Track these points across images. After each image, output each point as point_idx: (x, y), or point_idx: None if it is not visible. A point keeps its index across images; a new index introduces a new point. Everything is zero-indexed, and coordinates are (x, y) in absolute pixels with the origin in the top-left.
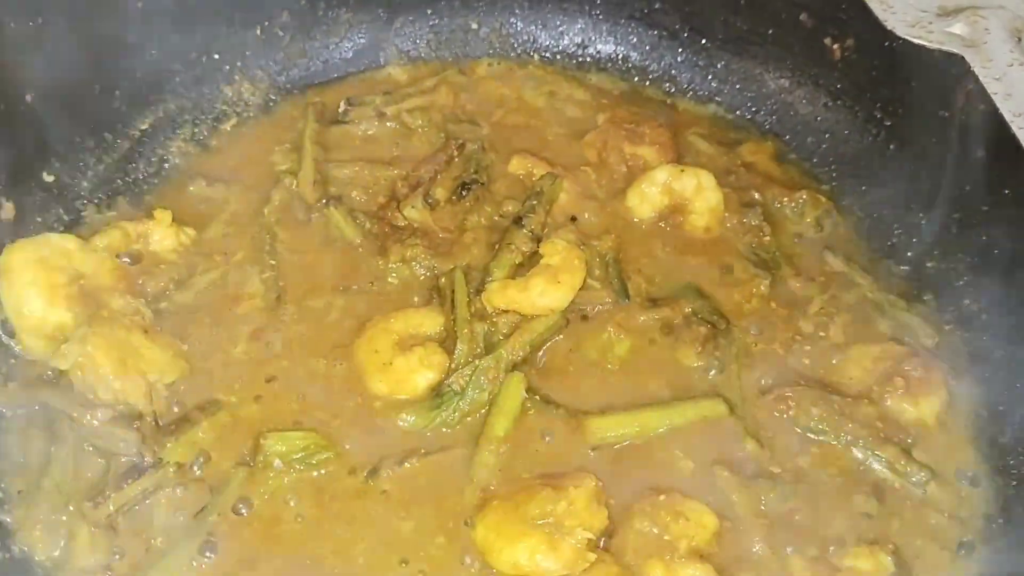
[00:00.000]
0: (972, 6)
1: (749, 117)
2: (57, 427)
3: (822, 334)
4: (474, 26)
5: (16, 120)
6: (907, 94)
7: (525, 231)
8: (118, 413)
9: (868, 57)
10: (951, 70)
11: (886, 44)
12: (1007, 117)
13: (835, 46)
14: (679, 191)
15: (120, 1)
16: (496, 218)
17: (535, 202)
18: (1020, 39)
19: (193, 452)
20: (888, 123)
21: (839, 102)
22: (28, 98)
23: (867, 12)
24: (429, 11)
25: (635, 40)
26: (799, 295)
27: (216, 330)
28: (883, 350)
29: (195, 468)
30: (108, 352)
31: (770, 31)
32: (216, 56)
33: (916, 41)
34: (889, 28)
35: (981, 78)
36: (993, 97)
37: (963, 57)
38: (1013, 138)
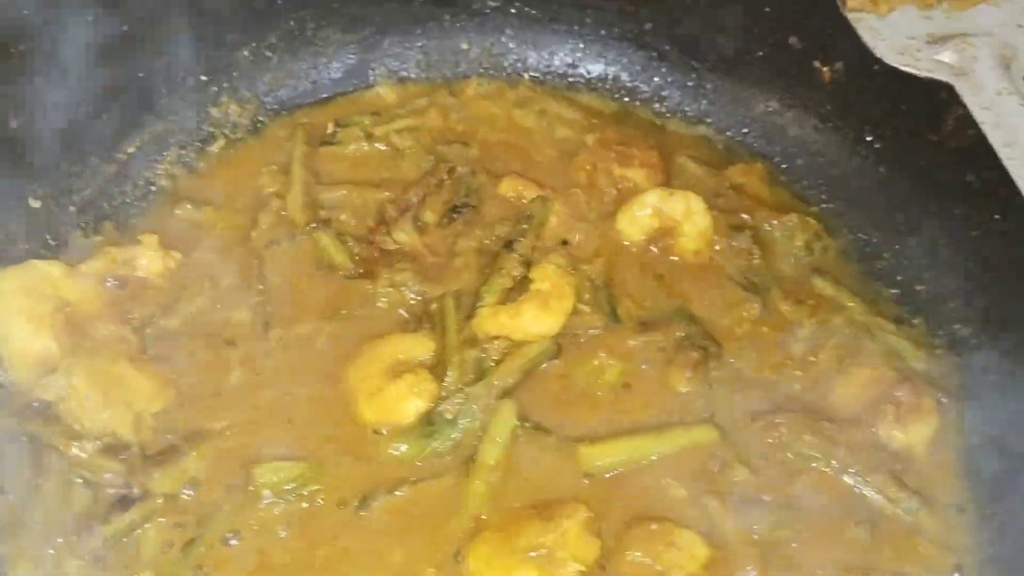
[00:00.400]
0: (961, 33)
1: (739, 139)
2: (44, 458)
3: (812, 358)
4: (464, 46)
5: (1, 146)
6: (897, 117)
7: (515, 255)
8: (105, 444)
9: (858, 80)
10: (941, 94)
11: (876, 67)
12: (996, 147)
13: (825, 69)
14: (668, 214)
15: (107, 24)
16: (486, 242)
17: (525, 226)
18: (1009, 67)
19: (181, 483)
20: (878, 146)
21: (829, 124)
22: (13, 124)
23: (857, 35)
24: (418, 31)
25: (625, 61)
26: (789, 319)
27: (204, 357)
28: (873, 375)
29: (183, 499)
30: (94, 383)
31: (760, 53)
32: (204, 78)
33: (904, 69)
34: (877, 56)
35: (970, 107)
36: (982, 126)
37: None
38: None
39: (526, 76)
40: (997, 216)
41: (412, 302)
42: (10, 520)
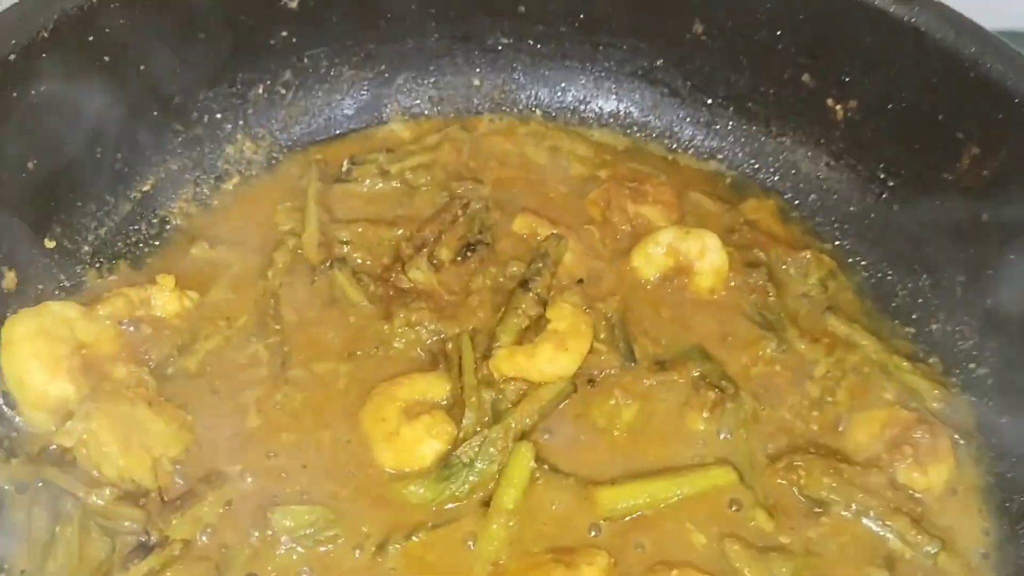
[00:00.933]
0: None
1: (751, 174)
2: (61, 505)
3: (829, 398)
4: (476, 82)
5: (18, 187)
6: (911, 155)
7: (531, 295)
8: (123, 491)
9: (872, 118)
10: (957, 134)
11: (889, 106)
12: None
13: (838, 107)
14: (684, 252)
15: (121, 63)
16: (501, 279)
17: (541, 264)
18: None
19: (199, 528)
20: (892, 183)
21: (842, 161)
22: (30, 165)
23: (870, 73)
24: (431, 67)
25: (637, 97)
26: (805, 358)
27: (221, 398)
28: (890, 415)
29: (201, 545)
30: (112, 428)
31: (772, 91)
32: (218, 115)
33: None
34: None
35: None
36: None
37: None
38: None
39: (538, 112)
40: (1012, 256)
41: (428, 341)
42: (28, 569)
